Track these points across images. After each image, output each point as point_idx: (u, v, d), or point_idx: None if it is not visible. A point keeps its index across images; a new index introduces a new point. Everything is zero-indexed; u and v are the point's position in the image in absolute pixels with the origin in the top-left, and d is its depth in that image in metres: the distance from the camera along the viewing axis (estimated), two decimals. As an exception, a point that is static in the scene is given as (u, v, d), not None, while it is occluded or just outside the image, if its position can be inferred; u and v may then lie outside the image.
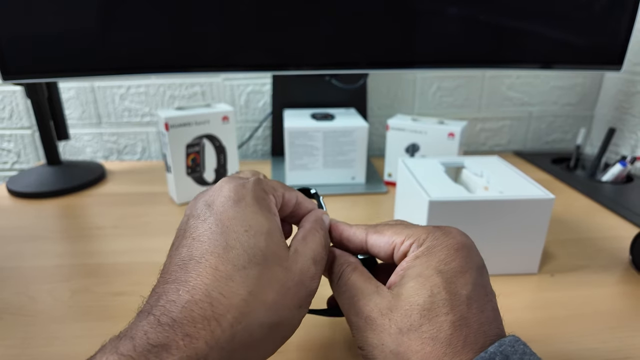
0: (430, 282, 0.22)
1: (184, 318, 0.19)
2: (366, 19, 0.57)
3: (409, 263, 0.24)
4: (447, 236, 0.24)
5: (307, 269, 0.23)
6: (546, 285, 0.44)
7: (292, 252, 0.24)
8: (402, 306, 0.22)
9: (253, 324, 0.20)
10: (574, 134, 0.92)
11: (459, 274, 0.23)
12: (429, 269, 0.23)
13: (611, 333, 0.37)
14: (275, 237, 0.23)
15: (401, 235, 0.26)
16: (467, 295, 0.22)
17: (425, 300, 0.22)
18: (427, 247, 0.24)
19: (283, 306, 0.22)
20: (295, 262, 0.23)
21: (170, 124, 0.57)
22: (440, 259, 0.23)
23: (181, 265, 0.21)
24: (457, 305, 0.22)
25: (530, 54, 0.61)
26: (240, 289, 0.20)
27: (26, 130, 0.83)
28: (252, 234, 0.22)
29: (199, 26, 0.56)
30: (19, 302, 0.41)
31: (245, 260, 0.21)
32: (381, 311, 0.23)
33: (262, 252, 0.22)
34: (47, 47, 0.54)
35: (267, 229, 0.23)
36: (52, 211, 0.60)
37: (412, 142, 0.66)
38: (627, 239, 0.52)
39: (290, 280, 0.22)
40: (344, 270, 0.26)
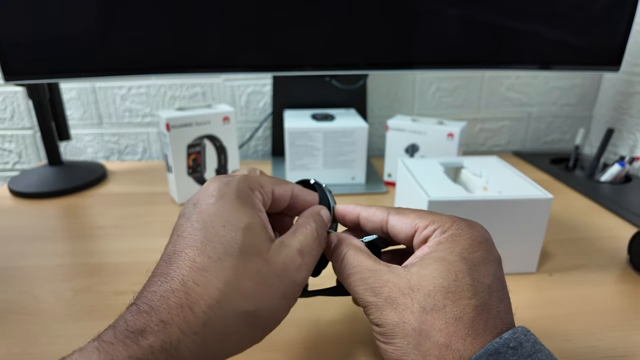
0: (455, 267, 0.23)
1: (160, 306, 0.20)
2: (366, 20, 0.58)
3: (432, 248, 0.25)
4: (471, 228, 0.25)
5: (292, 260, 0.24)
6: (545, 285, 0.44)
7: (276, 244, 0.24)
8: (425, 286, 0.23)
9: (228, 312, 0.21)
10: (572, 135, 0.93)
11: (482, 263, 0.24)
12: (453, 255, 0.24)
13: (609, 331, 0.37)
14: (254, 231, 0.23)
15: (425, 220, 0.26)
16: (488, 284, 0.23)
17: (450, 283, 0.23)
18: (451, 234, 0.25)
19: (262, 296, 0.22)
20: (277, 253, 0.23)
21: (172, 124, 0.57)
22: (464, 247, 0.24)
23: (166, 259, 0.22)
24: (480, 291, 0.23)
25: (529, 54, 0.61)
26: (215, 279, 0.21)
27: (27, 130, 0.84)
28: (230, 229, 0.23)
29: (200, 27, 0.56)
30: (22, 302, 0.41)
31: (221, 252, 0.22)
32: (402, 290, 0.23)
33: (239, 245, 0.22)
34: (48, 47, 0.54)
35: (246, 224, 0.23)
36: (54, 211, 0.61)
37: (412, 142, 0.66)
38: (625, 238, 0.52)
39: (271, 271, 0.23)
40: (347, 252, 0.27)
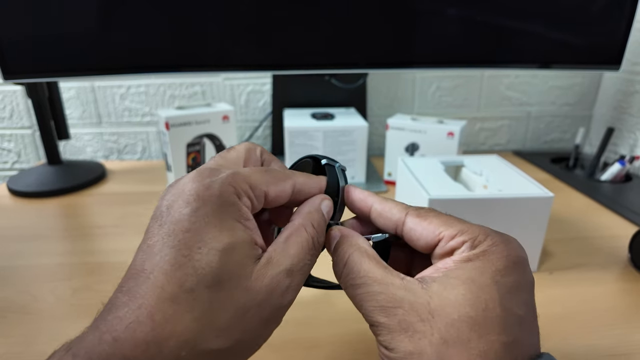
0: (485, 293, 0.20)
1: (125, 339, 0.18)
2: (366, 19, 0.58)
3: (458, 265, 0.21)
4: (507, 245, 0.21)
5: (277, 283, 0.21)
6: (545, 283, 0.44)
7: (262, 264, 0.21)
8: (448, 313, 0.19)
9: (200, 351, 0.18)
10: (572, 134, 0.93)
11: (516, 290, 0.20)
12: (484, 277, 0.20)
13: (609, 330, 0.37)
14: (235, 254, 0.20)
15: (452, 229, 0.22)
16: (521, 316, 0.20)
17: (478, 313, 0.19)
18: (483, 250, 0.21)
19: (240, 330, 0.20)
20: (261, 277, 0.20)
21: (171, 123, 0.57)
22: (497, 269, 0.20)
23: (135, 274, 0.19)
24: (510, 325, 0.20)
25: (528, 53, 0.61)
26: (186, 314, 0.18)
27: (27, 130, 0.84)
28: (206, 252, 0.19)
29: (199, 25, 0.56)
30: (21, 301, 0.41)
31: (193, 281, 0.19)
32: (420, 315, 0.20)
33: (215, 273, 0.19)
34: (47, 46, 0.54)
35: (225, 245, 0.19)
36: (53, 210, 0.60)
37: (412, 141, 0.66)
38: (625, 237, 0.52)
39: (252, 300, 0.20)
40: (352, 255, 0.23)
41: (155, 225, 0.20)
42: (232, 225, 0.20)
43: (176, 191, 0.21)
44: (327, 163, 0.27)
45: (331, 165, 0.27)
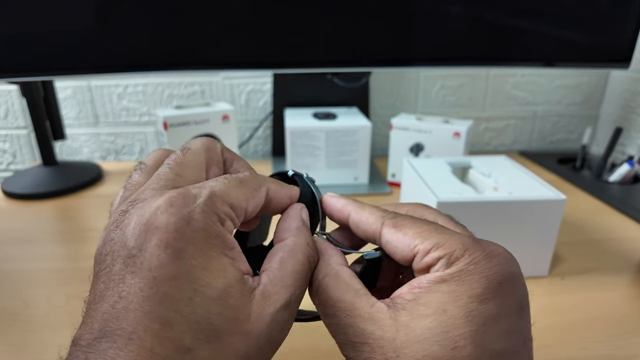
0: (456, 328, 0.17)
1: None
2: (368, 16, 0.56)
3: (430, 286, 0.19)
4: (489, 261, 0.19)
5: (277, 321, 0.18)
6: (557, 289, 0.42)
7: (258, 300, 0.18)
8: (413, 352, 0.17)
9: None
10: (579, 134, 0.91)
11: (495, 319, 0.18)
12: (456, 307, 0.18)
13: (626, 338, 0.36)
14: (230, 298, 0.17)
15: (428, 242, 0.20)
16: (500, 351, 0.18)
17: (446, 353, 0.17)
18: (459, 270, 0.18)
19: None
20: (260, 318, 0.18)
21: (169, 123, 0.56)
22: (473, 294, 0.18)
23: (108, 333, 0.16)
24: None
25: (535, 51, 0.60)
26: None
27: (22, 130, 0.82)
28: (199, 302, 0.16)
29: (198, 22, 0.54)
30: (13, 307, 0.39)
31: (190, 339, 0.16)
32: (385, 354, 0.18)
33: (213, 325, 0.17)
34: (41, 44, 0.53)
35: (220, 292, 0.17)
36: (48, 213, 0.59)
37: (417, 141, 0.64)
38: (637, 240, 0.51)
39: (254, 345, 0.18)
40: (323, 279, 0.21)
41: (121, 269, 0.17)
42: (220, 262, 0.18)
43: (145, 226, 0.17)
44: (295, 173, 0.25)
45: (299, 175, 0.25)
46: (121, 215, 0.18)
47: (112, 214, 0.19)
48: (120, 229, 0.18)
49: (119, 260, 0.17)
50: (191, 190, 0.18)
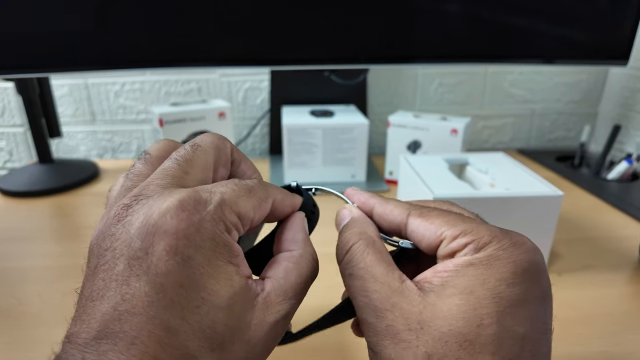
0: (483, 307, 0.18)
1: None
2: (366, 12, 0.56)
3: (458, 270, 0.19)
4: (517, 249, 0.19)
5: (276, 330, 0.19)
6: (554, 285, 0.42)
7: (259, 309, 0.18)
8: (438, 326, 0.18)
9: None
10: (577, 132, 0.91)
11: (520, 303, 0.18)
12: (483, 288, 0.18)
13: (622, 335, 0.36)
14: (236, 307, 0.17)
15: (455, 229, 0.20)
16: (523, 334, 0.18)
17: (471, 330, 0.17)
18: (487, 255, 0.19)
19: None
20: (261, 327, 0.18)
21: (165, 120, 0.55)
22: (501, 277, 0.18)
23: (108, 335, 0.15)
24: (508, 345, 0.17)
25: (534, 48, 0.60)
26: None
27: (18, 128, 0.82)
28: (206, 312, 0.16)
29: (195, 19, 0.54)
30: (6, 304, 0.39)
31: (195, 347, 0.16)
32: (409, 324, 0.18)
33: (219, 334, 0.17)
34: (37, 41, 0.52)
35: (227, 301, 0.17)
36: (44, 210, 0.59)
37: (414, 139, 0.64)
38: (635, 237, 0.50)
39: (251, 352, 0.18)
40: (356, 244, 0.21)
41: (125, 269, 0.16)
42: (227, 271, 0.18)
43: (153, 228, 0.16)
44: (298, 185, 0.25)
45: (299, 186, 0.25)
46: (124, 210, 0.18)
47: (112, 206, 0.19)
48: (124, 226, 0.17)
49: (122, 260, 0.16)
50: (202, 195, 0.18)
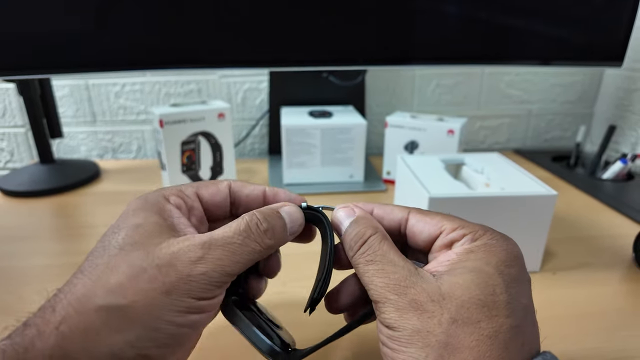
0: (493, 280, 0.20)
1: (33, 314, 0.19)
2: (364, 14, 0.56)
3: (461, 256, 0.22)
4: (505, 240, 0.23)
5: (186, 252, 0.20)
6: (548, 284, 0.43)
7: (179, 239, 0.22)
8: (458, 296, 0.20)
9: (86, 307, 0.19)
10: (573, 132, 0.92)
11: (518, 281, 0.21)
12: (489, 267, 0.21)
13: (615, 332, 0.36)
14: (143, 229, 0.21)
15: (454, 223, 0.23)
16: (525, 304, 0.21)
17: (487, 297, 0.20)
18: (484, 243, 0.22)
19: (135, 289, 0.19)
20: (169, 246, 0.21)
21: (165, 120, 0.56)
22: (500, 260, 0.21)
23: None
24: (516, 311, 0.20)
25: (530, 50, 0.60)
26: (85, 278, 0.20)
27: (20, 128, 0.82)
28: (116, 231, 0.22)
29: (194, 20, 0.55)
30: (8, 303, 0.40)
31: (100, 253, 0.21)
32: (431, 296, 0.20)
33: (118, 244, 0.21)
34: (38, 42, 0.53)
35: (135, 224, 0.22)
36: (45, 210, 0.59)
37: (411, 139, 0.65)
38: (629, 236, 0.51)
39: (151, 262, 0.20)
40: (373, 235, 0.23)
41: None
42: (149, 215, 0.22)
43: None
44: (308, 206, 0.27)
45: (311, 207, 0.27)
46: None
47: None
48: None
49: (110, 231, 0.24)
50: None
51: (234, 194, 0.27)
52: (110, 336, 0.18)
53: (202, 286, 0.20)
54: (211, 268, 0.21)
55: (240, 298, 0.25)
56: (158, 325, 0.19)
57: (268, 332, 0.24)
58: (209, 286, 0.21)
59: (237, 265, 0.22)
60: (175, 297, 0.20)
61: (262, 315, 0.26)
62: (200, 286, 0.20)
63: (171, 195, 0.24)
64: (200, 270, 0.20)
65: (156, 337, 0.19)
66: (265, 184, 0.68)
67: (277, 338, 0.24)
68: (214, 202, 0.26)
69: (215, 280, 0.21)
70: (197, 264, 0.20)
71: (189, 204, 0.25)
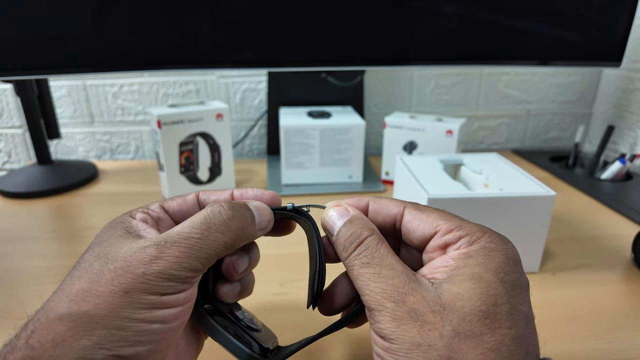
0: (493, 288, 0.19)
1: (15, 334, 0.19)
2: (363, 15, 0.56)
3: (458, 262, 0.21)
4: (504, 243, 0.22)
5: (140, 251, 0.20)
6: (548, 284, 0.43)
7: (139, 241, 0.22)
8: (459, 307, 0.19)
9: (51, 317, 0.19)
10: (572, 132, 0.92)
11: (518, 288, 0.20)
12: (488, 273, 0.20)
13: (616, 332, 0.36)
14: (106, 242, 0.22)
15: (450, 223, 0.22)
16: (526, 313, 0.20)
17: (489, 308, 0.19)
18: (482, 247, 0.21)
19: (94, 293, 0.19)
20: (122, 246, 0.21)
21: (163, 121, 0.56)
22: (499, 266, 0.20)
23: None
24: (518, 320, 0.19)
25: (528, 49, 0.60)
26: (54, 295, 0.20)
27: (17, 129, 0.82)
28: (85, 252, 0.22)
29: (193, 21, 0.54)
30: (6, 305, 0.39)
31: (71, 272, 0.21)
32: (431, 306, 0.19)
33: (84, 259, 0.21)
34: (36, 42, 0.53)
35: (101, 241, 0.22)
36: (43, 211, 0.59)
37: (410, 139, 0.65)
38: (628, 236, 0.51)
39: (108, 265, 0.20)
40: (370, 236, 0.22)
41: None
42: (113, 232, 0.23)
43: None
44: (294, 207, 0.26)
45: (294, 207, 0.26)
46: None
47: None
48: None
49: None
50: None
51: (202, 202, 0.26)
52: (77, 342, 0.18)
53: (160, 283, 0.20)
54: (167, 266, 0.20)
55: (214, 305, 0.25)
56: (123, 324, 0.19)
57: (245, 339, 0.24)
58: (169, 282, 0.20)
59: (198, 260, 0.21)
60: (135, 295, 0.19)
61: (240, 322, 0.25)
62: (158, 283, 0.20)
63: (137, 212, 0.25)
64: (155, 268, 0.20)
65: (125, 336, 0.19)
66: (264, 184, 0.68)
67: (255, 343, 0.24)
68: (182, 211, 0.26)
69: (175, 276, 0.20)
70: (152, 263, 0.20)
71: (155, 216, 0.25)
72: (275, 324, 0.30)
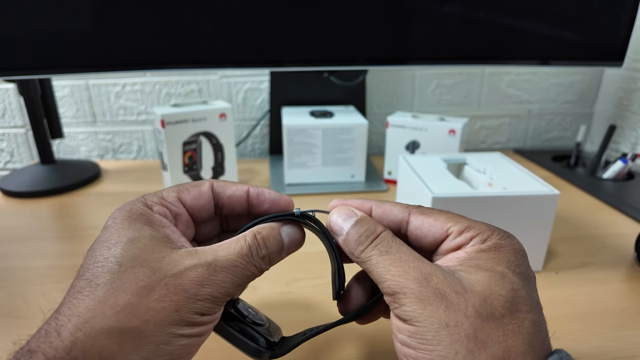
0: (508, 277, 0.21)
1: (32, 336, 0.19)
2: (365, 14, 0.56)
3: (470, 254, 0.22)
4: (512, 239, 0.23)
5: (193, 272, 0.21)
6: (551, 283, 0.43)
7: (181, 253, 0.22)
8: (481, 291, 0.20)
9: (96, 329, 0.18)
10: (573, 132, 0.92)
11: (528, 279, 0.22)
12: (501, 266, 0.21)
13: (618, 331, 0.36)
14: (141, 243, 0.21)
15: (460, 225, 0.23)
16: (537, 301, 0.21)
17: (508, 292, 0.20)
18: (493, 244, 0.22)
19: (143, 308, 0.19)
20: (175, 262, 0.21)
21: (167, 121, 0.56)
22: (510, 260, 0.21)
23: None
24: (534, 306, 0.20)
25: (530, 49, 0.60)
26: (87, 299, 0.19)
27: (20, 129, 0.82)
28: (110, 247, 0.21)
29: (195, 21, 0.55)
30: (11, 304, 0.39)
31: (96, 273, 0.20)
32: (454, 288, 0.20)
33: (117, 260, 0.20)
34: (38, 42, 0.53)
35: (130, 238, 0.21)
36: (46, 211, 0.59)
37: (413, 139, 0.65)
38: (630, 235, 0.51)
39: (157, 280, 0.20)
40: (385, 231, 0.23)
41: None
42: (138, 227, 0.22)
43: None
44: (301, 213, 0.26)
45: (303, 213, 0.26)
46: None
47: None
48: None
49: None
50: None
51: (217, 195, 0.26)
52: (125, 357, 0.19)
53: (207, 305, 0.21)
54: (216, 290, 0.21)
55: None
56: (169, 340, 0.20)
57: (251, 335, 0.25)
58: (212, 305, 0.21)
59: (237, 287, 0.22)
60: (183, 314, 0.20)
61: (245, 318, 0.26)
62: (205, 305, 0.21)
63: (154, 204, 0.24)
64: (206, 291, 0.21)
65: (169, 350, 0.20)
66: (267, 184, 0.68)
67: (261, 338, 0.25)
68: (198, 206, 0.26)
69: (219, 300, 0.22)
70: (204, 285, 0.21)
71: (174, 211, 0.25)
72: (281, 322, 0.30)
